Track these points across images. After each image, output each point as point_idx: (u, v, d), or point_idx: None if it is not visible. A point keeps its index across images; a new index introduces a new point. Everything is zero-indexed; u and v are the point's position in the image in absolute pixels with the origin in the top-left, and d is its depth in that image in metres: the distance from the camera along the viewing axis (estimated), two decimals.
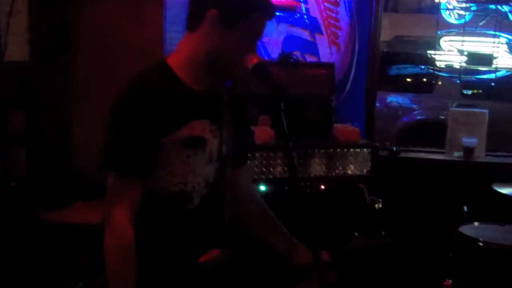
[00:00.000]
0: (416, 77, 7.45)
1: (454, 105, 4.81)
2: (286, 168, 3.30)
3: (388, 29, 7.83)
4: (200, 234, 1.92)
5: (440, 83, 7.16)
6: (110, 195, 1.80)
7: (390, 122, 7.12)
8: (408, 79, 7.72)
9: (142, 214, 1.81)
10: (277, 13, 4.17)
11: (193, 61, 1.87)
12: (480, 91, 5.88)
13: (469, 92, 5.80)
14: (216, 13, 1.79)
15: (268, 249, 2.08)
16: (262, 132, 3.49)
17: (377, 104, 7.07)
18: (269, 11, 1.89)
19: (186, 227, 1.90)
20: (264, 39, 4.15)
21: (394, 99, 7.43)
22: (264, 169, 3.45)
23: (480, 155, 4.54)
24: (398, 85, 7.66)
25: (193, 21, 1.86)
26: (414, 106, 7.52)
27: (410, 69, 7.52)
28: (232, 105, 2.01)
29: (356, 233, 3.42)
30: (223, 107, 1.96)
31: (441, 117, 6.42)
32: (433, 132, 4.97)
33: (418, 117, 7.40)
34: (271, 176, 3.46)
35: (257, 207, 2.14)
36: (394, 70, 7.72)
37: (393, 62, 7.61)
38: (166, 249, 1.89)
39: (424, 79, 7.28)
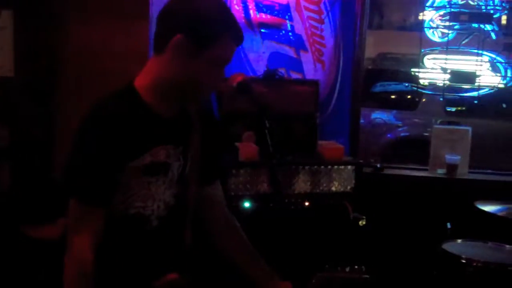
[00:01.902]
0: (400, 94, 7.52)
1: (438, 122, 4.83)
2: (270, 185, 3.29)
3: (373, 46, 7.92)
4: (159, 257, 1.90)
5: (424, 100, 7.22)
6: (72, 221, 1.76)
7: (374, 139, 7.17)
8: (392, 96, 7.78)
9: (103, 236, 1.78)
10: (263, 30, 4.21)
11: (159, 85, 1.83)
12: (464, 108, 5.94)
13: (453, 109, 5.84)
14: (182, 38, 1.75)
15: (238, 269, 2.07)
16: (247, 149, 3.50)
17: (362, 121, 7.14)
18: (237, 37, 1.85)
19: (143, 249, 1.88)
20: (250, 56, 4.18)
21: (378, 116, 7.49)
22: (248, 186, 3.45)
23: (463, 172, 4.57)
24: (382, 102, 7.71)
25: (159, 44, 1.82)
26: (398, 123, 7.57)
27: (394, 86, 7.59)
28: (202, 126, 1.98)
29: (327, 266, 3.40)
30: (191, 129, 1.94)
31: (425, 134, 6.45)
32: (417, 149, 5.00)
33: (402, 134, 7.45)
34: (255, 193, 3.45)
35: (228, 225, 2.12)
36: (378, 87, 7.77)
37: (377, 79, 7.67)
38: (123, 271, 1.86)
39: (408, 96, 7.34)
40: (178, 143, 1.89)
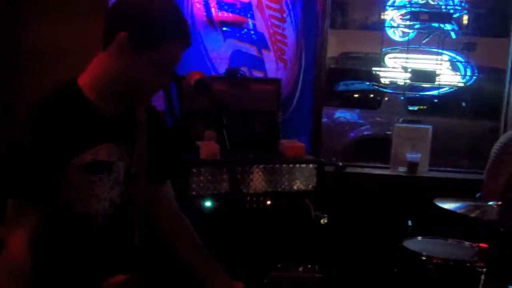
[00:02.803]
0: (363, 93, 7.57)
1: (400, 120, 4.88)
2: (229, 183, 3.28)
3: (336, 45, 7.95)
4: (107, 257, 1.87)
5: (386, 99, 7.28)
6: (8, 220, 1.73)
7: (337, 138, 7.21)
8: (356, 95, 7.83)
9: (45, 235, 1.75)
10: (224, 28, 4.19)
11: (102, 82, 1.81)
12: (425, 107, 5.99)
13: (415, 108, 5.89)
14: (125, 36, 1.72)
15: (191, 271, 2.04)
16: (207, 147, 3.47)
17: (325, 120, 7.18)
18: (184, 41, 1.82)
19: (90, 248, 1.85)
20: (211, 54, 4.16)
21: (341, 114, 7.53)
22: (209, 185, 3.42)
23: (424, 170, 4.63)
24: (345, 101, 7.76)
25: (105, 40, 1.78)
26: (361, 122, 7.62)
27: (358, 85, 7.63)
28: (150, 125, 1.95)
29: (279, 265, 3.42)
30: (136, 128, 1.91)
31: (388, 132, 6.49)
32: (380, 147, 5.03)
33: (365, 133, 7.50)
34: (216, 192, 3.43)
35: (178, 225, 2.10)
36: (341, 86, 7.82)
37: (340, 78, 7.71)
38: (70, 271, 1.83)
39: (371, 95, 7.39)
40: (122, 142, 1.86)
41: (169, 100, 2.17)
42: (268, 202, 3.62)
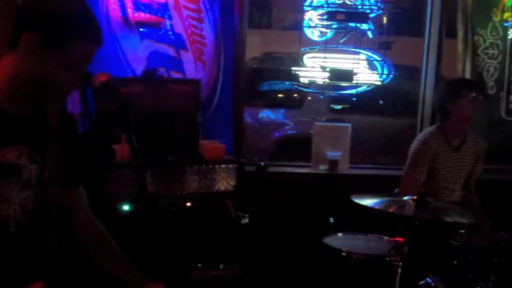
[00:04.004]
0: (286, 93, 7.64)
1: (323, 119, 4.94)
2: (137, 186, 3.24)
3: (259, 45, 8.00)
4: (21, 264, 1.81)
5: (309, 98, 7.37)
6: None
7: (262, 137, 7.24)
8: (279, 95, 7.89)
9: None
10: (141, 29, 4.13)
11: (12, 84, 1.75)
12: (348, 105, 6.09)
13: (339, 107, 5.98)
14: (32, 36, 1.68)
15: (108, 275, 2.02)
16: (123, 150, 3.41)
17: (249, 120, 7.21)
18: (93, 39, 1.78)
19: (3, 255, 1.78)
20: (128, 56, 4.10)
21: (265, 114, 7.57)
22: (126, 188, 3.38)
23: (344, 168, 4.70)
24: (269, 101, 7.82)
25: (13, 40, 1.73)
26: (286, 121, 7.68)
27: (281, 85, 7.69)
28: (62, 128, 1.91)
29: (199, 264, 3.41)
30: (48, 131, 1.86)
31: (311, 131, 6.57)
32: (303, 146, 5.07)
33: (289, 132, 7.57)
34: (134, 195, 3.38)
35: (93, 229, 2.07)
36: (265, 86, 7.87)
37: (263, 78, 7.76)
38: None
39: (294, 95, 7.46)
40: (34, 144, 1.81)
41: (84, 102, 2.12)
42: (189, 204, 3.59)
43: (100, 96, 1.91)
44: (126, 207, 3.35)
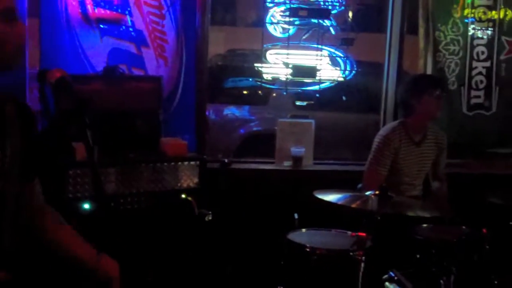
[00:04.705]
0: (251, 89, 7.59)
1: (288, 116, 4.95)
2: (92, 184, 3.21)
3: (224, 42, 7.98)
4: None
5: (274, 95, 7.36)
6: None
7: (227, 134, 7.22)
8: (244, 92, 7.85)
9: None
10: (101, 26, 4.08)
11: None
12: (312, 102, 6.11)
13: (303, 103, 5.99)
14: None
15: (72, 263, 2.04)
16: (83, 148, 3.36)
17: (214, 117, 7.18)
18: None
19: None
20: (88, 52, 4.03)
21: (230, 111, 7.55)
22: (86, 187, 3.33)
23: (308, 164, 4.71)
24: (234, 98, 7.78)
25: None
26: (251, 118, 7.67)
27: (245, 82, 7.65)
28: (20, 121, 1.91)
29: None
30: (7, 123, 1.86)
31: (276, 128, 6.58)
32: (269, 143, 5.07)
33: (255, 129, 7.55)
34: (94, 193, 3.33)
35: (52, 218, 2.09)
36: (229, 83, 7.83)
37: (227, 75, 7.73)
38: None
39: (259, 92, 7.44)
40: None
41: (43, 100, 2.10)
42: (151, 202, 3.56)
43: (55, 93, 1.90)
44: (86, 206, 3.30)
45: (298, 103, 5.66)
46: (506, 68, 5.08)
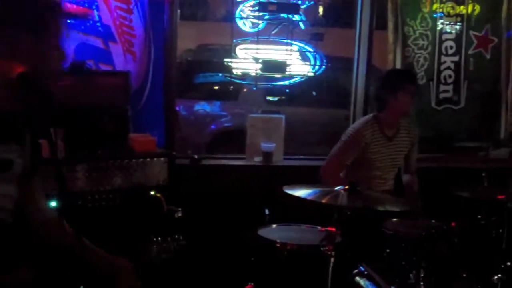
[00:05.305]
0: (222, 85, 7.56)
1: (259, 111, 4.93)
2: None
3: (195, 37, 7.92)
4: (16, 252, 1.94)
5: (245, 90, 7.33)
6: None
7: (198, 130, 7.18)
8: (215, 87, 7.82)
9: None
10: (68, 21, 4.00)
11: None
12: (284, 97, 6.11)
13: (275, 98, 6.00)
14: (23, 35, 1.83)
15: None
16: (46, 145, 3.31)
17: (184, 113, 7.13)
18: (57, 11, 1.95)
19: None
20: None
21: (201, 107, 7.50)
22: (52, 184, 3.26)
23: (279, 159, 4.70)
24: (204, 93, 7.75)
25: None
26: (222, 114, 7.64)
27: (216, 77, 7.62)
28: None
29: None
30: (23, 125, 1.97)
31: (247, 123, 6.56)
32: (240, 138, 5.05)
33: (226, 124, 7.52)
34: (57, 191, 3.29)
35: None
36: (200, 78, 7.78)
37: (198, 70, 7.68)
38: None
39: (230, 87, 7.41)
40: (16, 139, 1.95)
41: None
42: (119, 199, 3.52)
43: (17, 88, 1.89)
44: (53, 204, 3.24)
45: (269, 98, 5.66)
46: (474, 63, 5.13)
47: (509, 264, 3.68)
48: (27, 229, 2.07)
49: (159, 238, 2.58)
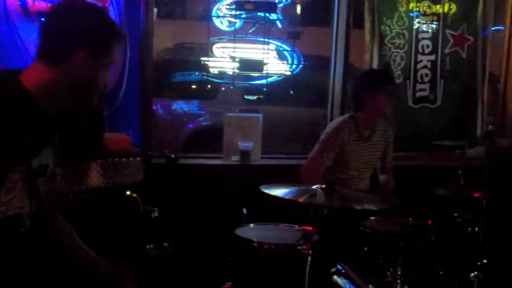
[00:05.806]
0: (199, 83, 7.54)
1: (237, 110, 4.91)
2: None
3: (172, 36, 7.89)
4: (35, 257, 1.97)
5: (223, 89, 7.32)
6: None
7: (175, 129, 7.16)
8: (193, 86, 7.80)
9: None
10: (42, 19, 3.95)
11: (55, 91, 1.92)
12: (262, 96, 6.10)
13: (253, 97, 5.98)
14: (84, 53, 1.91)
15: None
16: None
17: (162, 112, 7.10)
18: (121, 38, 2.09)
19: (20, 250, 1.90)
20: (29, 46, 3.91)
21: (178, 106, 7.48)
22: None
23: (256, 158, 4.69)
24: (182, 92, 7.72)
25: (56, 58, 1.93)
26: (200, 113, 7.62)
27: (194, 76, 7.60)
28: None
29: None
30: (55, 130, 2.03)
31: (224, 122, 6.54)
32: (218, 137, 5.04)
33: (204, 123, 7.51)
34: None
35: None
36: (178, 77, 7.76)
37: (176, 69, 7.65)
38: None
39: (208, 86, 7.39)
40: (52, 143, 2.03)
41: None
42: (94, 199, 3.48)
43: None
44: None
45: (247, 97, 5.64)
46: (450, 62, 5.17)
47: (485, 261, 3.72)
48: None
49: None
